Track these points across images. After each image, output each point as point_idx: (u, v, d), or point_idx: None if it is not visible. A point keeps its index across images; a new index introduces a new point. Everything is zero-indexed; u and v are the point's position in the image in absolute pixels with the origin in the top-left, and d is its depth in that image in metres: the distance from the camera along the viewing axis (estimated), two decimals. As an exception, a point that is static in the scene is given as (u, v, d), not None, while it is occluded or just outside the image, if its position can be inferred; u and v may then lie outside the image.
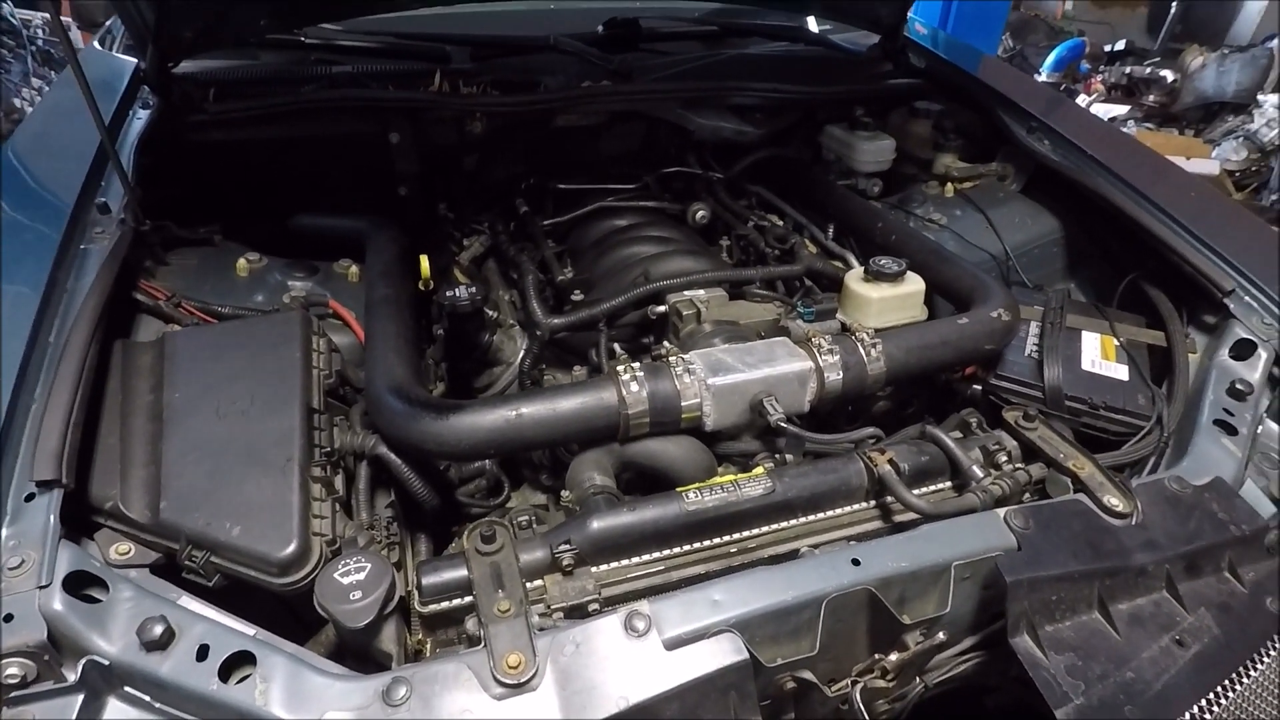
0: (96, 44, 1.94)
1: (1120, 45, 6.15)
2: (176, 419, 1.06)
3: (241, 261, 1.44)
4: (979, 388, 1.35)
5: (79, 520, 0.96)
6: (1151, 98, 5.45)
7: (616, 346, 1.37)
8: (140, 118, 1.62)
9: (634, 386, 1.10)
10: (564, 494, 1.09)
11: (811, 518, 1.09)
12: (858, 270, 1.49)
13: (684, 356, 1.14)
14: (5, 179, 1.36)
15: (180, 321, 1.27)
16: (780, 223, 1.77)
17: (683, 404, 1.11)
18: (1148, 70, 5.53)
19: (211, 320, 1.29)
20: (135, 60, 1.81)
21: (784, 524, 1.08)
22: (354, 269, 1.53)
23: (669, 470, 1.14)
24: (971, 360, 1.32)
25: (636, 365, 1.12)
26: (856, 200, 1.80)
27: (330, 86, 1.84)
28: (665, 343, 1.33)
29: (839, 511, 1.10)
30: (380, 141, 1.89)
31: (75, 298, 1.13)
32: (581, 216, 1.74)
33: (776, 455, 1.18)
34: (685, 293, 1.36)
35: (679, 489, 1.07)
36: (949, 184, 1.89)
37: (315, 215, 1.74)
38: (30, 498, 0.89)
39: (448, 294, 1.35)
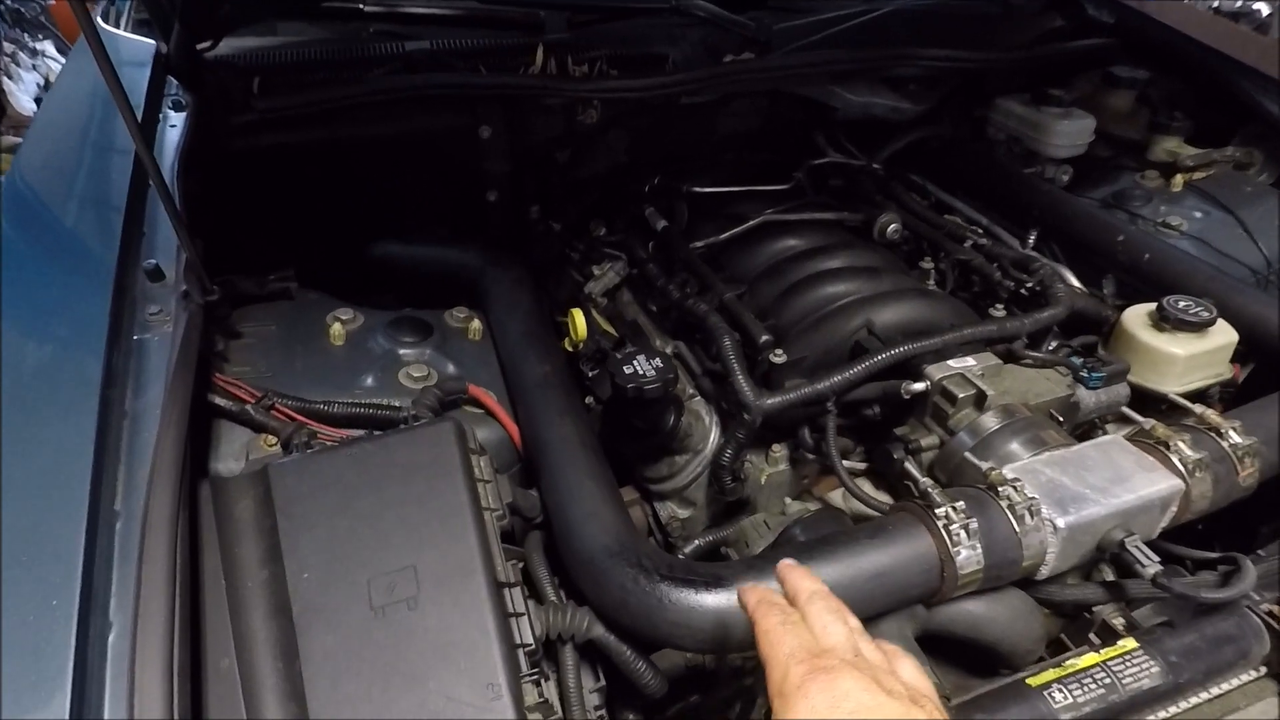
0: (98, 18, 1.51)
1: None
2: (311, 618, 0.72)
3: (336, 327, 1.08)
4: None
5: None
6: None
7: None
8: (174, 124, 1.23)
9: (962, 535, 0.77)
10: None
11: (1195, 700, 0.79)
12: (1139, 312, 1.14)
13: (1014, 484, 0.81)
14: (8, 235, 0.98)
15: (276, 432, 0.92)
16: (1004, 238, 1.41)
17: (1025, 554, 0.78)
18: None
19: (317, 426, 0.94)
20: (151, 42, 1.40)
21: (1166, 713, 0.77)
22: (475, 323, 1.17)
23: (999, 641, 0.82)
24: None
25: (959, 501, 0.79)
26: (1074, 202, 1.44)
27: (406, 69, 1.45)
28: (920, 436, 1.00)
29: (1228, 687, 0.80)
30: (467, 137, 1.50)
31: (141, 428, 0.78)
32: (740, 235, 1.37)
33: (1125, 603, 0.86)
34: (950, 362, 1.01)
35: (1028, 679, 0.75)
36: (1177, 175, 1.52)
37: (404, 241, 1.38)
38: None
39: (626, 370, 1.00)
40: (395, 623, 0.72)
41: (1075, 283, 1.36)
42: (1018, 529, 0.78)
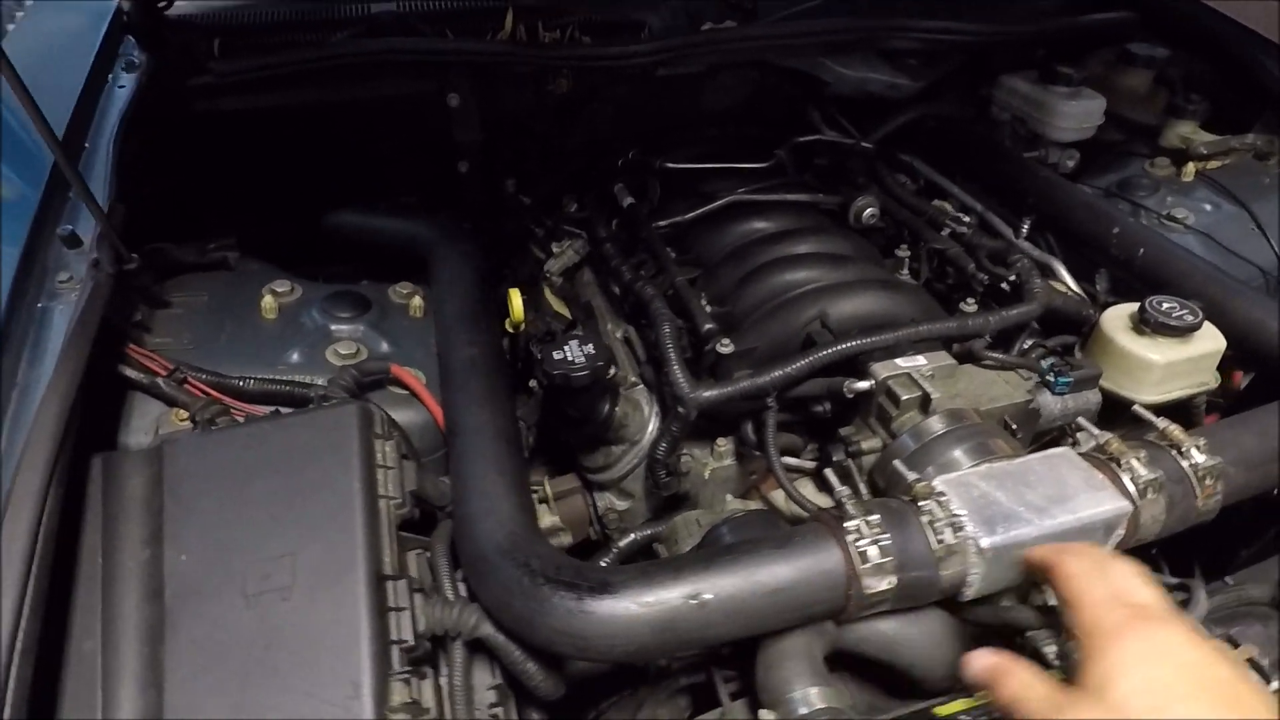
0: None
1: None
2: (183, 603, 0.70)
3: (268, 299, 1.05)
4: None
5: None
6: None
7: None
8: (123, 85, 1.20)
9: (872, 551, 0.71)
10: (766, 715, 0.72)
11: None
12: (1119, 313, 1.06)
13: (938, 498, 0.75)
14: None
15: (188, 406, 0.89)
16: (966, 220, 1.32)
17: (942, 574, 0.73)
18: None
19: (232, 402, 0.92)
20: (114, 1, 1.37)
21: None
22: (417, 299, 1.13)
23: (913, 664, 0.77)
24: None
25: (873, 514, 0.73)
26: (1071, 189, 1.34)
27: (370, 32, 1.40)
28: (862, 437, 0.94)
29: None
30: (435, 104, 1.45)
31: (31, 399, 0.76)
32: (707, 214, 1.31)
33: (1061, 636, 0.80)
34: (898, 361, 0.94)
35: (936, 707, 0.70)
36: (1189, 164, 1.41)
37: (358, 211, 1.34)
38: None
39: (555, 356, 0.95)
40: (266, 613, 0.69)
41: (1066, 277, 1.27)
42: (936, 548, 0.72)
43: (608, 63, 1.37)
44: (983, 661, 0.60)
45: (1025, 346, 1.10)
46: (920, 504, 0.75)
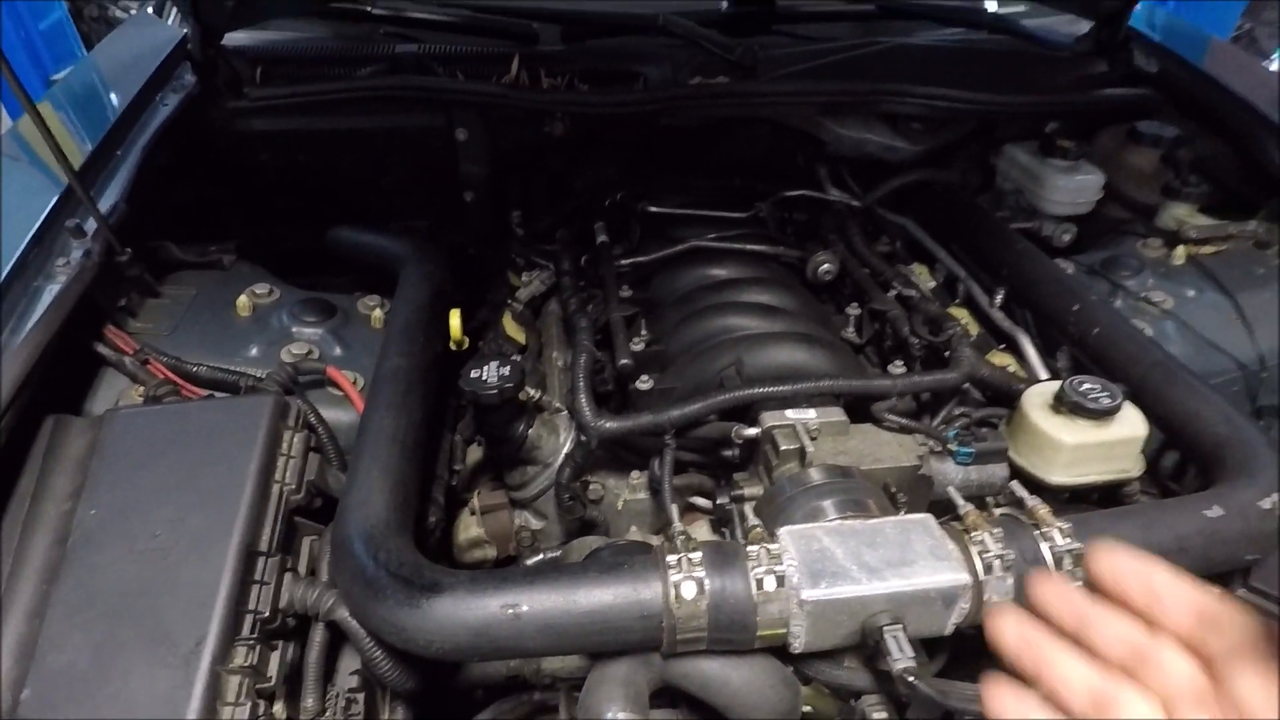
0: (150, 9, 1.72)
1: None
2: (81, 550, 0.80)
3: (243, 298, 1.18)
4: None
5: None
6: None
7: (686, 460, 1.01)
8: (167, 104, 1.38)
9: (688, 589, 0.74)
10: (573, 730, 0.75)
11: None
12: (1042, 390, 1.04)
13: (768, 546, 0.77)
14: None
15: (145, 384, 1.02)
16: (929, 284, 1.31)
17: (759, 619, 0.74)
18: None
19: (182, 384, 1.03)
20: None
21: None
22: (378, 311, 1.24)
23: (728, 707, 0.78)
24: (1219, 572, 0.87)
25: (695, 553, 0.76)
26: (1043, 262, 1.32)
27: (392, 70, 1.55)
28: (749, 484, 0.96)
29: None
30: (445, 138, 1.58)
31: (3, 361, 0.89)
32: (670, 257, 1.36)
33: (899, 699, 0.79)
34: (788, 412, 0.97)
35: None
36: (1180, 246, 1.36)
37: (356, 228, 1.47)
38: None
39: (471, 374, 1.02)
40: (145, 568, 0.78)
41: (1029, 350, 1.25)
42: (755, 594, 0.74)
43: (597, 109, 1.46)
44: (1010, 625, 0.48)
45: (955, 414, 1.09)
46: (749, 549, 0.76)
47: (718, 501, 0.97)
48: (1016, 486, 0.87)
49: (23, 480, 0.86)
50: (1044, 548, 0.79)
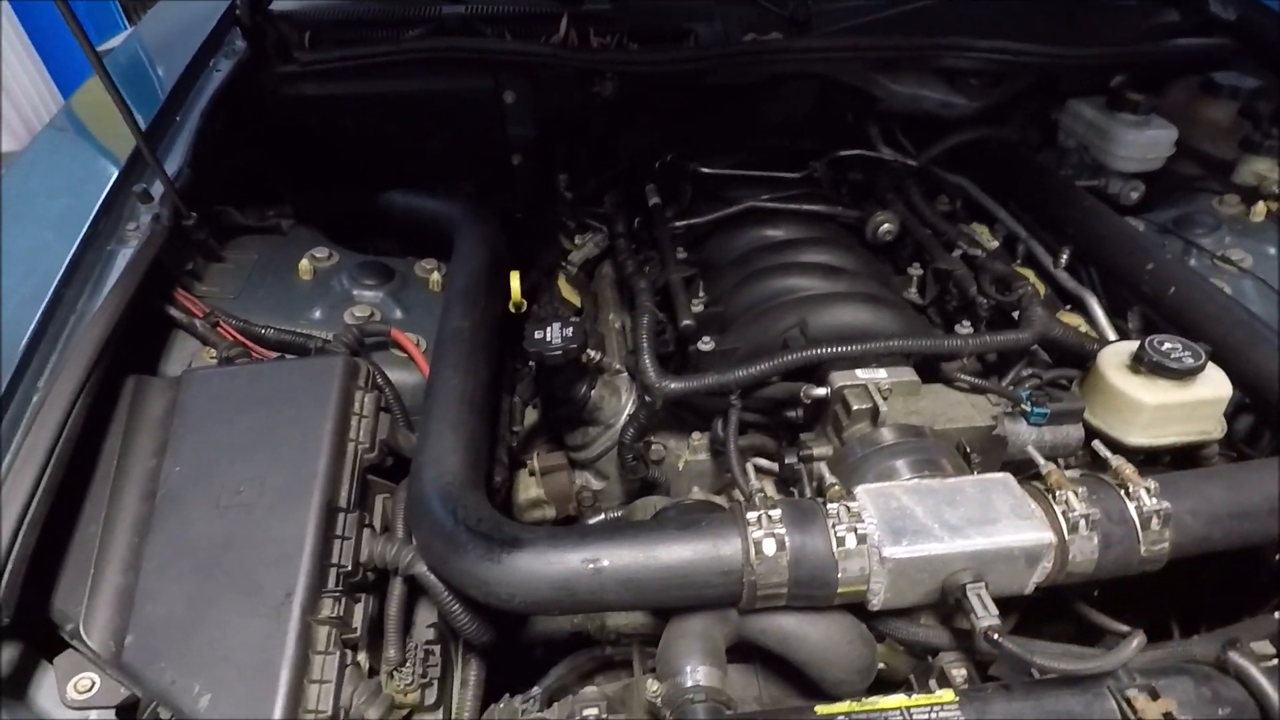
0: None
1: None
2: (169, 506, 0.82)
3: (305, 262, 1.19)
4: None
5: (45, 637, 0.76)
6: None
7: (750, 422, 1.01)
8: (220, 70, 1.38)
9: (768, 546, 0.74)
10: (651, 685, 0.76)
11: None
12: (1119, 350, 1.01)
13: (848, 504, 0.76)
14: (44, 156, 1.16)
15: (216, 345, 1.03)
16: (991, 244, 1.28)
17: (840, 577, 0.74)
18: None
19: (252, 346, 1.05)
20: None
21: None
22: (436, 275, 1.24)
23: (807, 663, 0.78)
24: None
25: (775, 510, 0.76)
26: (1113, 220, 1.28)
27: (439, 31, 1.53)
28: (818, 444, 0.95)
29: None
30: (494, 99, 1.56)
31: (84, 323, 0.91)
32: (726, 219, 1.34)
33: (976, 659, 0.79)
34: (858, 372, 0.95)
35: (819, 708, 0.72)
36: (1260, 203, 1.31)
37: (408, 192, 1.47)
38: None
39: (535, 335, 1.02)
40: (231, 522, 0.80)
41: (1098, 311, 1.22)
42: (836, 551, 0.74)
43: (648, 68, 1.43)
44: None
45: (1024, 375, 1.07)
46: (829, 507, 0.76)
47: (786, 461, 0.96)
48: (1099, 446, 0.85)
49: (109, 439, 0.88)
50: (1130, 507, 0.78)
